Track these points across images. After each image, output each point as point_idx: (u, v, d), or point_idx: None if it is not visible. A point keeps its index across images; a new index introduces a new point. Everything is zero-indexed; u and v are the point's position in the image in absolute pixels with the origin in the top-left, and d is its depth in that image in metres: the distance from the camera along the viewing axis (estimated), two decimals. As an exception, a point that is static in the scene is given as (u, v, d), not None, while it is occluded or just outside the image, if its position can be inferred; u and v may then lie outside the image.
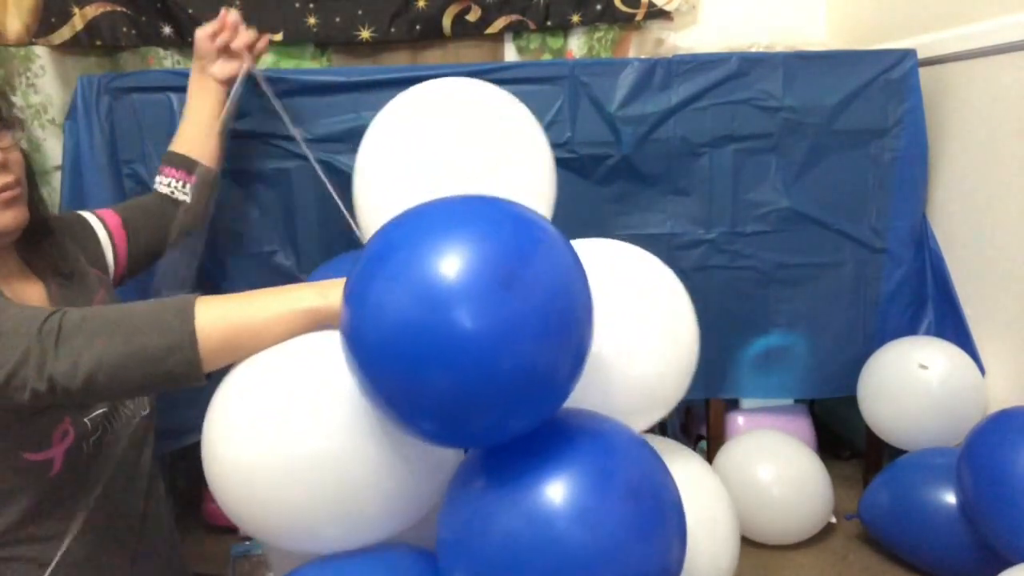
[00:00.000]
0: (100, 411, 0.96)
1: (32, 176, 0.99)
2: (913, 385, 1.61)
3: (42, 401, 0.77)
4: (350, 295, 0.69)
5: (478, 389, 0.64)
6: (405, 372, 0.64)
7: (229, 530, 1.66)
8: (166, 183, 1.26)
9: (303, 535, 0.79)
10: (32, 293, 0.99)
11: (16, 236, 0.97)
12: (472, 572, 0.70)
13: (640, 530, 0.69)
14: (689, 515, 0.76)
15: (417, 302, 0.63)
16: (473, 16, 2.12)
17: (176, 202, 1.25)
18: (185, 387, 0.81)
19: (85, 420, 0.94)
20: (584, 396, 0.77)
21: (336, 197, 1.31)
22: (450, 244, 0.65)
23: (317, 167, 1.39)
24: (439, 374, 0.63)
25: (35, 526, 0.91)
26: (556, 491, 0.67)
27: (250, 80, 1.60)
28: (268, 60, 2.12)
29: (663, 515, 0.73)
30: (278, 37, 2.08)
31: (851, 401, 1.75)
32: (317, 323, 0.83)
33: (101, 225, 1.17)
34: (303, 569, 0.80)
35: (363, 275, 0.68)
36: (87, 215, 1.17)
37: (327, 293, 0.83)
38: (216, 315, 0.80)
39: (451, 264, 0.63)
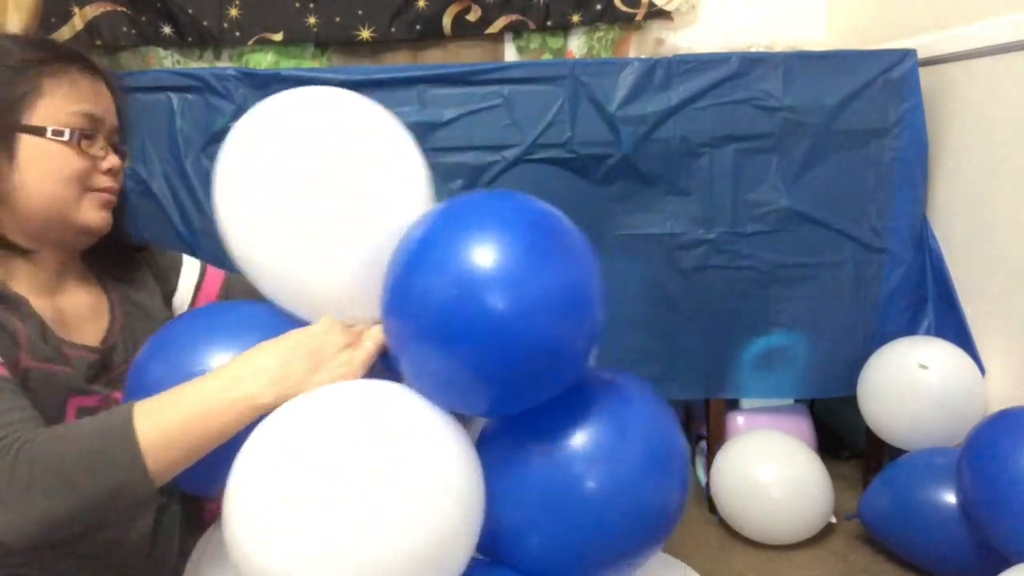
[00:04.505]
0: None
1: (123, 195, 1.02)
2: (913, 385, 1.61)
3: None
4: (394, 285, 0.77)
5: (506, 360, 0.72)
6: (448, 348, 0.73)
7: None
8: None
9: None
10: (87, 303, 0.99)
11: (91, 242, 0.98)
12: (521, 518, 0.80)
13: (649, 471, 0.81)
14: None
15: (454, 288, 0.72)
16: (473, 16, 2.12)
17: None
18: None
19: None
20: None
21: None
22: (480, 236, 0.74)
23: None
24: (474, 349, 0.72)
25: (37, 550, 0.88)
26: (580, 439, 0.79)
27: (254, 79, 1.60)
28: (268, 60, 2.12)
29: (670, 460, 0.84)
30: (278, 37, 2.08)
31: (851, 401, 1.75)
32: (265, 413, 0.76)
33: (196, 272, 1.13)
34: None
35: (406, 269, 0.77)
36: (188, 259, 1.15)
37: (283, 389, 0.75)
38: (163, 434, 0.73)
39: (482, 253, 0.73)
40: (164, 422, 0.73)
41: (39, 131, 0.89)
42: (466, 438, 0.78)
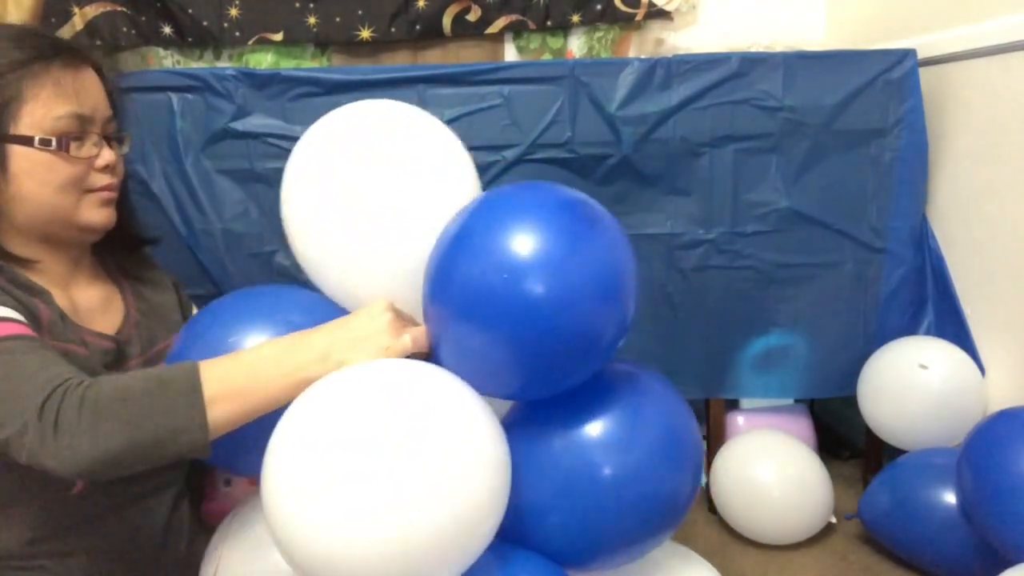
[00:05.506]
0: None
1: (126, 184, 1.03)
2: (913, 385, 1.61)
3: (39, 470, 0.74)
4: (437, 272, 0.81)
5: (543, 343, 0.75)
6: (488, 329, 0.76)
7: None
8: None
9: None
10: (100, 296, 0.99)
11: (98, 238, 0.98)
12: (540, 500, 0.83)
13: (662, 462, 0.84)
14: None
15: (497, 272, 0.75)
16: (473, 16, 2.12)
17: None
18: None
19: None
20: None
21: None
22: (520, 223, 0.77)
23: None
24: (513, 331, 0.75)
25: (53, 542, 0.90)
26: (599, 428, 0.83)
27: (253, 79, 1.60)
28: (268, 60, 2.12)
29: (682, 452, 0.87)
30: (278, 37, 2.08)
31: (851, 401, 1.75)
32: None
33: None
34: None
35: (448, 256, 0.81)
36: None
37: (328, 357, 0.80)
38: (222, 390, 0.76)
39: (522, 240, 0.76)
40: (226, 379, 0.77)
41: (27, 141, 0.86)
42: (495, 419, 0.80)
